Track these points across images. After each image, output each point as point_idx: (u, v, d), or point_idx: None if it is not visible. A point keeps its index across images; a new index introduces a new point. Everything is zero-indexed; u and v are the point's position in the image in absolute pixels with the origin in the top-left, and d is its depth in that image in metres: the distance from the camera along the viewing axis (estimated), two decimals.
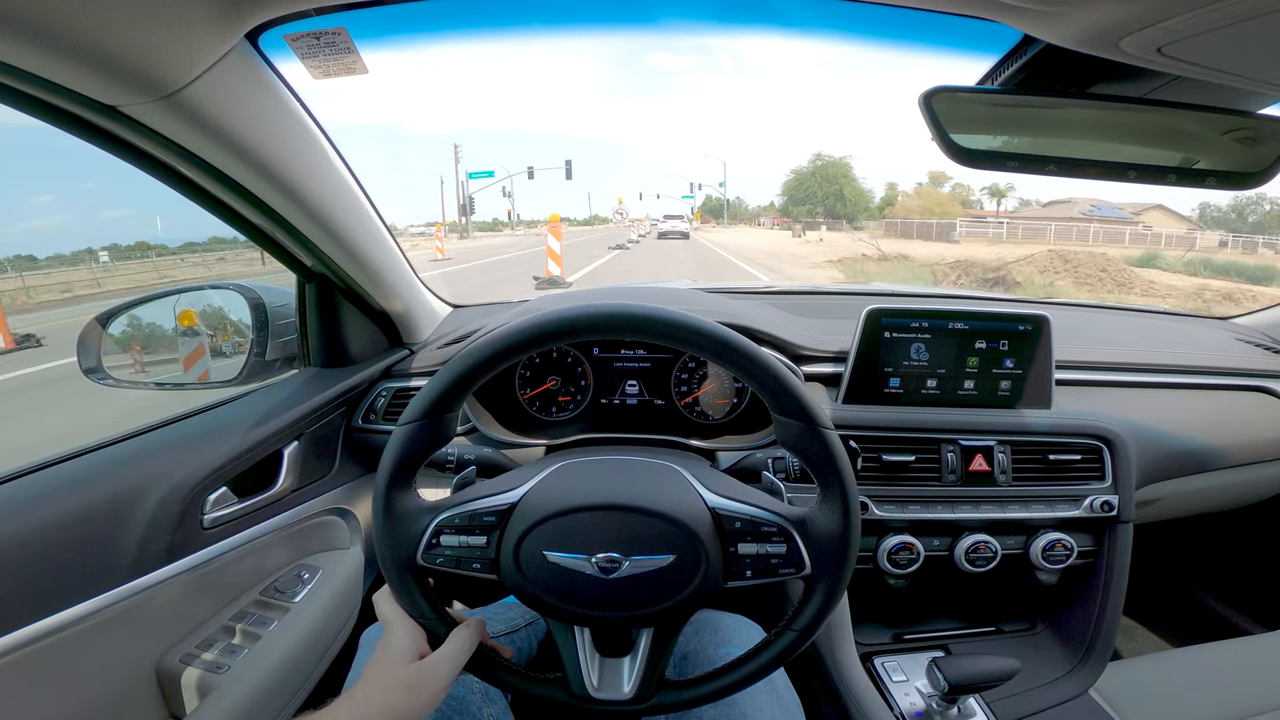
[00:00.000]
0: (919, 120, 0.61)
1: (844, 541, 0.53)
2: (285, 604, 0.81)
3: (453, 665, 0.54)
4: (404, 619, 0.56)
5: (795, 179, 58.03)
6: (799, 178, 57.57)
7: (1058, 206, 33.86)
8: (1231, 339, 1.27)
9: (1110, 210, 30.25)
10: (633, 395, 1.00)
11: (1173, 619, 1.52)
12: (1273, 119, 0.62)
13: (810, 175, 56.55)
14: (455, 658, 0.54)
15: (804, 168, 57.71)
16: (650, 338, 0.53)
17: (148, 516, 0.70)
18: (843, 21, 0.65)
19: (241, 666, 0.72)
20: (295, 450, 0.89)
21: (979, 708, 0.89)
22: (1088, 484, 0.98)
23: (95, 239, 49.85)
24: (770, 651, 0.57)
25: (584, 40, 22.98)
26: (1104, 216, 28.73)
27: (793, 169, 60.32)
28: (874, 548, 0.94)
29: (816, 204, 55.31)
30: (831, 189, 54.92)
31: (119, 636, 0.67)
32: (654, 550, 0.53)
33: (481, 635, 0.58)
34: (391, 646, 0.54)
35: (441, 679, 0.53)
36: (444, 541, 0.54)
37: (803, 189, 56.53)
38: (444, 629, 0.56)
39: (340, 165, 0.81)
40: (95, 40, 0.47)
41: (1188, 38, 0.45)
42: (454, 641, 0.55)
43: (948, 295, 1.41)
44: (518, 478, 0.58)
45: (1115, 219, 28.57)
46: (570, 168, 30.24)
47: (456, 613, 0.60)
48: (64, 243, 43.36)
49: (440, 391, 0.53)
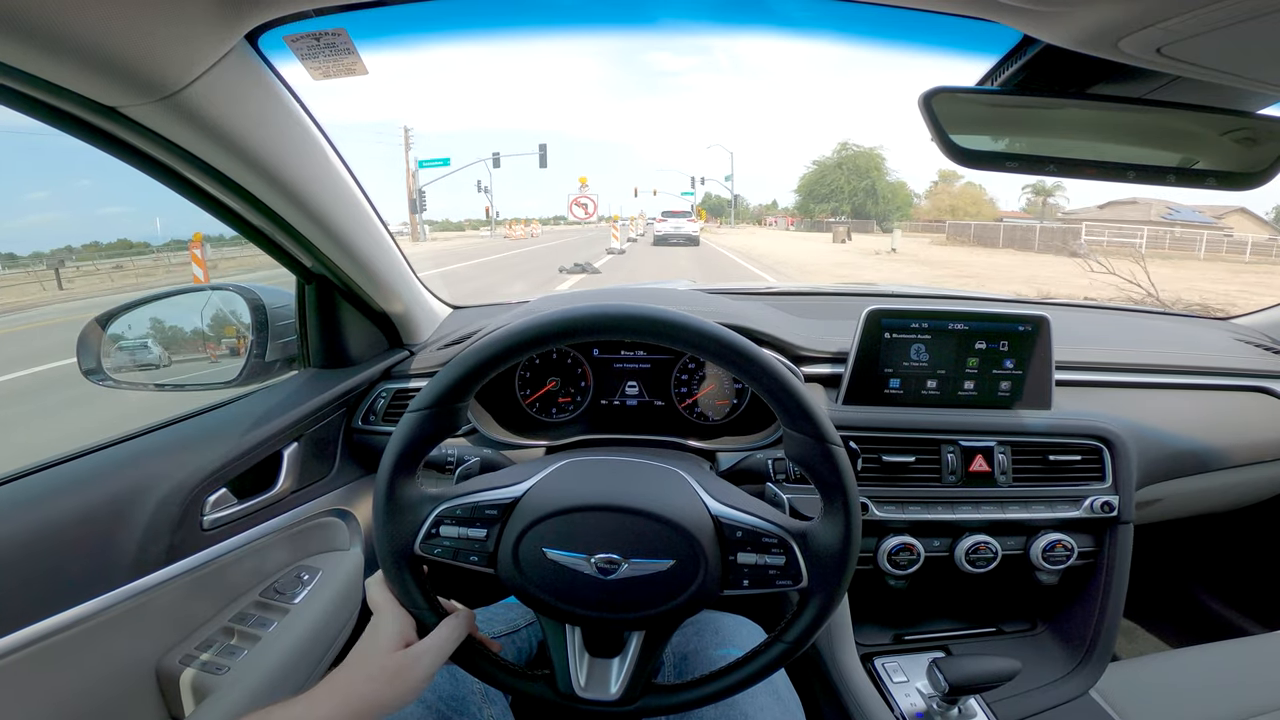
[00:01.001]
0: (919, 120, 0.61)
1: (843, 557, 0.53)
2: (285, 605, 0.81)
3: (437, 655, 0.54)
4: (393, 606, 0.56)
5: (817, 172, 49.19)
6: (821, 170, 48.81)
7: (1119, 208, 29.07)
8: (1231, 339, 1.27)
9: (1189, 214, 26.26)
10: (633, 396, 1.00)
11: (1173, 619, 1.52)
12: (1273, 119, 0.62)
13: (835, 167, 47.79)
14: (441, 648, 0.54)
15: (827, 159, 49.10)
16: (658, 340, 0.53)
17: (147, 518, 0.70)
18: (842, 22, 0.65)
19: (241, 667, 0.72)
20: (295, 451, 0.89)
21: (979, 708, 0.89)
22: (1088, 484, 0.98)
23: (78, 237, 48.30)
24: (760, 660, 0.57)
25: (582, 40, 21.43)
26: (1185, 221, 24.75)
27: (814, 160, 51.96)
28: (874, 548, 0.94)
29: (843, 200, 47.01)
30: (861, 184, 46.20)
31: (119, 637, 0.67)
32: (654, 554, 0.53)
33: (470, 627, 0.57)
34: (378, 633, 0.54)
35: (425, 668, 0.52)
36: (443, 532, 0.55)
37: (826, 183, 47.78)
38: (434, 619, 0.56)
39: (340, 166, 0.81)
40: (95, 41, 0.47)
41: (1187, 38, 0.45)
42: (441, 631, 0.55)
43: (947, 295, 1.41)
44: (522, 473, 0.58)
45: (1198, 223, 24.55)
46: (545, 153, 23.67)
47: (448, 604, 0.59)
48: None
49: (450, 382, 0.53)
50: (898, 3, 0.51)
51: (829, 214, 46.51)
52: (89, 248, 21.73)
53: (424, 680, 0.52)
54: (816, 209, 48.43)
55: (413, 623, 0.56)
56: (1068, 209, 37.75)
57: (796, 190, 52.75)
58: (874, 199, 46.50)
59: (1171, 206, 25.96)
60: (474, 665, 0.58)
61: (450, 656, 0.56)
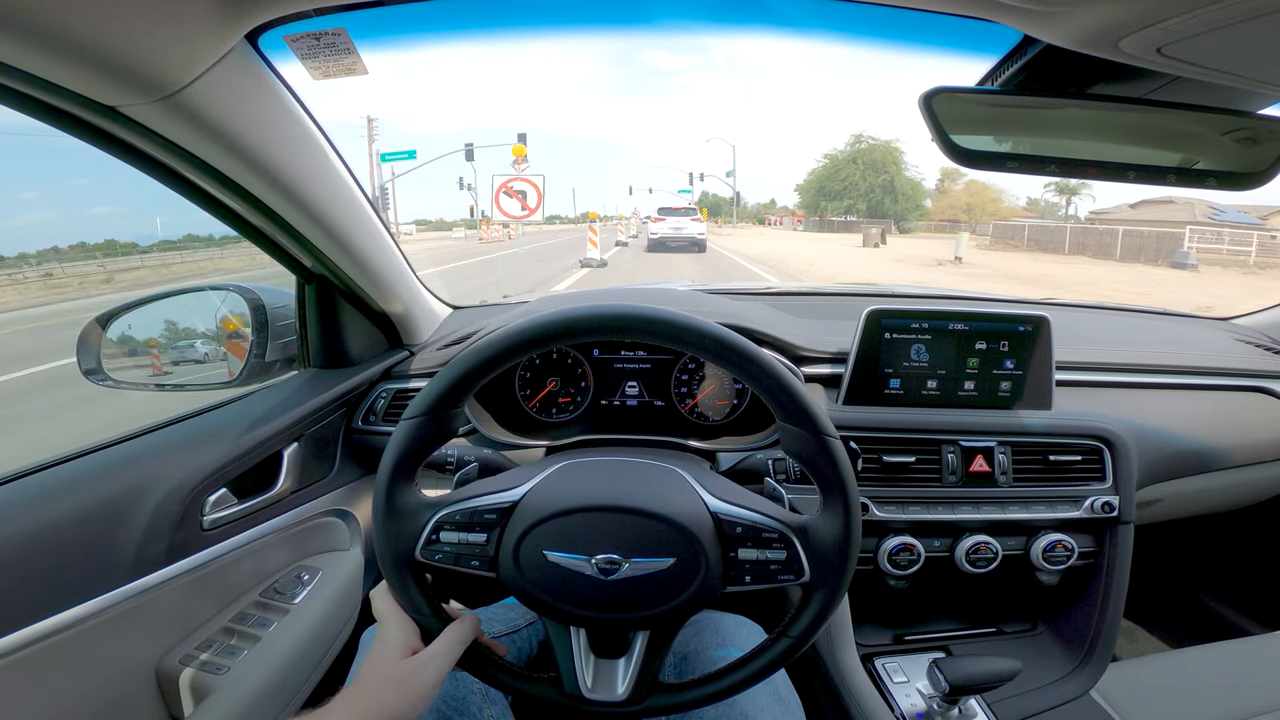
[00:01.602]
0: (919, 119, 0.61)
1: (844, 550, 0.53)
2: (285, 605, 0.81)
3: (444, 661, 0.54)
4: (398, 614, 0.56)
5: (829, 166, 45.18)
6: (834, 164, 44.85)
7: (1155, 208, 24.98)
8: (1231, 339, 1.27)
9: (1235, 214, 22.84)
10: (633, 396, 1.00)
11: (1174, 620, 1.52)
12: (1273, 119, 0.62)
13: (849, 162, 43.91)
14: (448, 653, 0.54)
15: (840, 152, 45.24)
16: (657, 340, 0.53)
17: (148, 518, 0.70)
18: (841, 22, 0.65)
19: (241, 668, 0.72)
20: (295, 451, 0.89)
21: (980, 709, 0.89)
22: (1088, 485, 0.98)
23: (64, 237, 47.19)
24: (765, 657, 0.57)
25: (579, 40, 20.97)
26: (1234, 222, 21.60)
27: (825, 153, 48.32)
28: (875, 549, 0.94)
29: (858, 198, 43.07)
30: (879, 179, 42.53)
31: (119, 638, 0.67)
32: (654, 553, 0.53)
33: (476, 632, 0.57)
34: (385, 643, 0.54)
35: (432, 675, 0.53)
36: (443, 538, 0.54)
37: (839, 179, 43.90)
38: (439, 625, 0.56)
39: (340, 166, 0.81)
40: (95, 41, 0.47)
41: (1188, 38, 0.45)
42: (447, 637, 0.55)
43: (947, 296, 1.41)
44: (520, 476, 0.58)
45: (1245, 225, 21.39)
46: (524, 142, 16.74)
47: (453, 609, 0.59)
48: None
49: (445, 388, 0.53)
50: (897, 2, 0.51)
51: (843, 212, 43.52)
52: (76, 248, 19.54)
53: (432, 687, 0.52)
54: (829, 207, 44.55)
55: (417, 630, 0.56)
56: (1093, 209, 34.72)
57: (804, 186, 48.95)
58: (892, 196, 42.65)
59: (1215, 206, 23.29)
60: (479, 669, 0.58)
61: (459, 663, 0.56)
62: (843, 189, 43.90)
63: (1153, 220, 23.47)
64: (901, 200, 42.86)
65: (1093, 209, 32.30)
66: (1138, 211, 26.10)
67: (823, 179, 45.69)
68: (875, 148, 44.13)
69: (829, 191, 44.81)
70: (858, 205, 43.30)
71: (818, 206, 46.21)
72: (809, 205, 48.18)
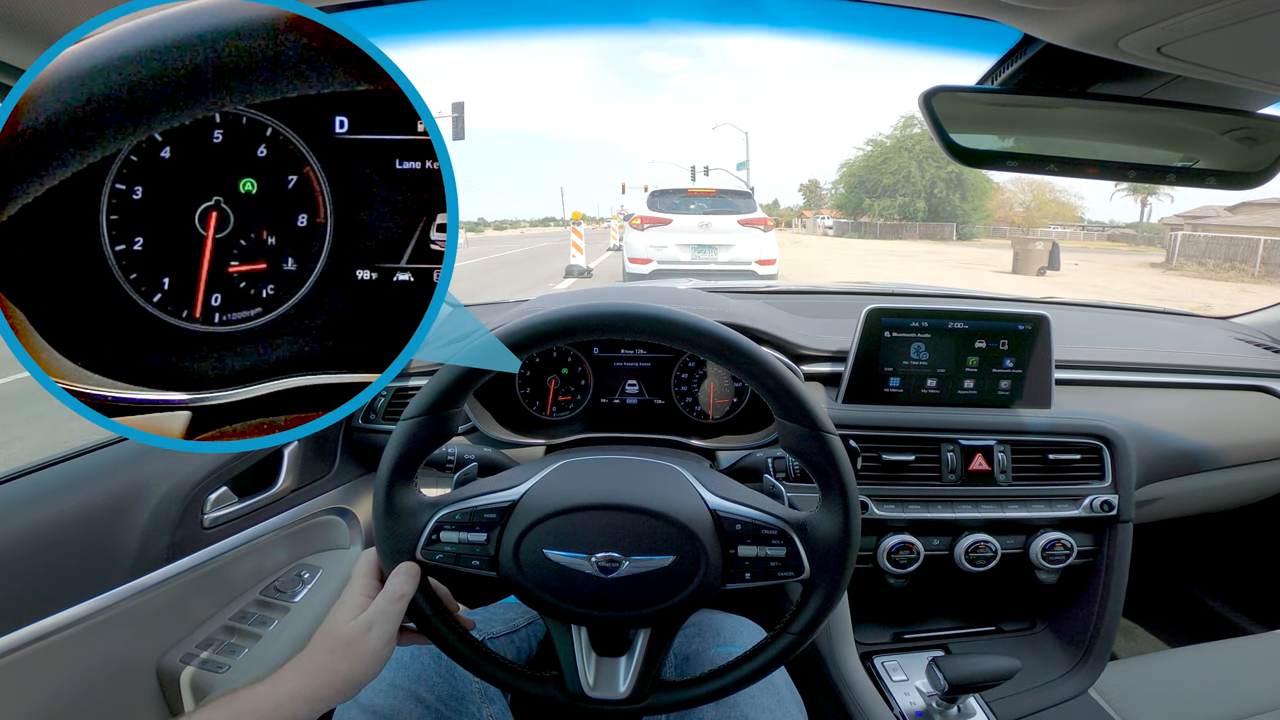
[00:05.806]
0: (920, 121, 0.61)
1: (843, 546, 0.53)
2: (285, 604, 0.81)
3: (386, 620, 0.52)
4: (362, 579, 0.55)
5: (874, 155, 35.29)
6: (880, 153, 34.98)
7: (1262, 210, 18.49)
8: (1231, 339, 1.26)
9: None
10: (633, 395, 1.00)
11: (1172, 619, 1.52)
12: (1273, 119, 0.62)
13: (898, 150, 33.98)
14: (388, 611, 0.52)
15: (885, 138, 35.17)
16: (653, 338, 0.53)
17: (148, 516, 0.70)
18: (840, 21, 0.65)
19: (241, 666, 0.72)
20: (295, 450, 0.89)
21: (979, 707, 0.89)
22: (1087, 483, 0.98)
23: None
24: (767, 654, 0.57)
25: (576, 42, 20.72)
26: None
27: (869, 139, 37.47)
28: (874, 547, 0.94)
29: (915, 194, 33.37)
30: (940, 172, 32.20)
31: (119, 636, 0.67)
32: (654, 551, 0.53)
33: (413, 584, 0.54)
34: (340, 605, 0.53)
35: (378, 636, 0.51)
36: (444, 538, 0.55)
37: (887, 170, 34.00)
38: (441, 624, 0.56)
39: None
40: None
41: (1188, 37, 0.45)
42: (384, 595, 0.53)
43: (947, 295, 1.41)
44: (519, 475, 0.58)
45: None
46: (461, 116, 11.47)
47: (447, 599, 0.60)
48: None
49: (445, 387, 0.53)
50: (897, 2, 0.51)
51: (895, 212, 34.18)
52: None
53: (378, 649, 0.51)
54: (874, 205, 34.67)
55: (374, 593, 0.54)
56: (1174, 212, 26.02)
57: (840, 180, 38.83)
58: (960, 192, 32.70)
59: None
60: (479, 668, 0.58)
61: (454, 659, 0.55)
62: (894, 183, 34.04)
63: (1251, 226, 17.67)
64: (972, 198, 33.50)
65: (1176, 212, 24.50)
66: (1238, 217, 19.88)
67: (864, 171, 35.86)
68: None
69: (875, 187, 34.91)
70: (915, 203, 33.84)
71: (859, 204, 36.29)
72: (845, 203, 38.39)
